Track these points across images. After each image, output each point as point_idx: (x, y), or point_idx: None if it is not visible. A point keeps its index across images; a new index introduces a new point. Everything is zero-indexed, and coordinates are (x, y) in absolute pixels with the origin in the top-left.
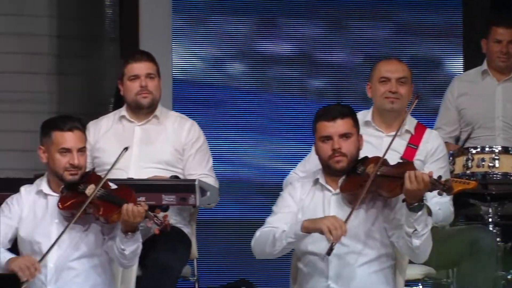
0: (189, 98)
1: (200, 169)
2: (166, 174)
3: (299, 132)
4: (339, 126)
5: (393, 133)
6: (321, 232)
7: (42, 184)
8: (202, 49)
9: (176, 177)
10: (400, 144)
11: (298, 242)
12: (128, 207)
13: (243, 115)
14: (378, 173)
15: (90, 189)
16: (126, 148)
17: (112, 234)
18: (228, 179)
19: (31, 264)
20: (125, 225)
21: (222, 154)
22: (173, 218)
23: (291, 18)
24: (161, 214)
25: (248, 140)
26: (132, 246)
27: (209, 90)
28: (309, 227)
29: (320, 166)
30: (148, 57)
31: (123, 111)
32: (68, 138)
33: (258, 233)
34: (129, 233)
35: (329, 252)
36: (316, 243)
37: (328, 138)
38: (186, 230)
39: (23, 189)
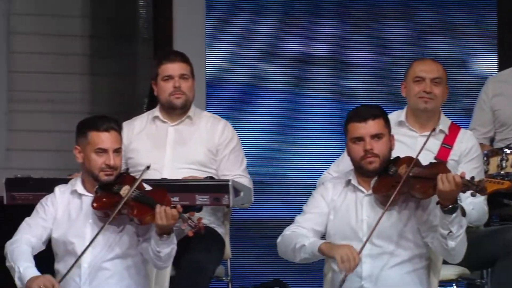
0: (222, 99)
1: (235, 170)
2: (200, 175)
3: (332, 132)
4: (370, 127)
5: (427, 133)
6: (336, 260)
7: (77, 184)
8: (236, 49)
9: (212, 178)
10: (434, 144)
11: (314, 259)
12: (161, 209)
13: (276, 115)
14: (411, 174)
15: (124, 190)
16: (148, 167)
17: (146, 236)
18: (262, 179)
19: (50, 285)
20: (159, 227)
21: (255, 154)
22: (206, 218)
23: (320, 18)
24: (195, 217)
25: (281, 140)
26: (167, 248)
27: (242, 90)
28: (325, 252)
29: (352, 167)
30: (182, 57)
31: (156, 111)
32: (105, 139)
33: (286, 232)
34: (164, 235)
35: (341, 284)
36: (349, 243)
37: (360, 139)
38: (219, 230)
39: (58, 189)
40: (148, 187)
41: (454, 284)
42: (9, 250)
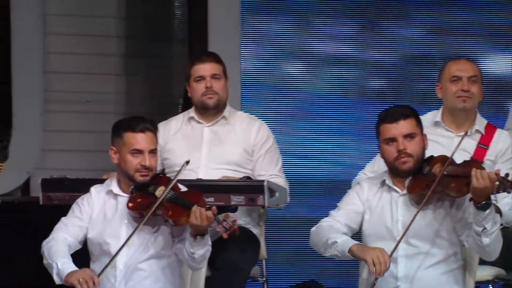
0: (257, 99)
1: (270, 170)
2: (235, 175)
3: (365, 130)
4: (402, 127)
5: (463, 133)
6: (366, 262)
7: (112, 185)
8: (270, 50)
9: (248, 177)
10: (470, 144)
11: (343, 259)
12: (196, 211)
13: (311, 114)
14: (445, 173)
15: (160, 191)
16: (187, 162)
17: (181, 237)
18: (297, 179)
19: (89, 278)
20: (194, 229)
21: (290, 154)
22: (242, 219)
23: (353, 19)
24: (230, 219)
25: (315, 140)
26: (202, 250)
27: (277, 90)
28: (356, 254)
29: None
30: (213, 57)
31: (191, 112)
32: (140, 140)
33: (316, 227)
34: (198, 237)
35: (372, 287)
36: (384, 243)
37: (392, 140)
38: (255, 230)
39: (93, 189)
40: (183, 188)
41: (490, 285)
42: (46, 248)
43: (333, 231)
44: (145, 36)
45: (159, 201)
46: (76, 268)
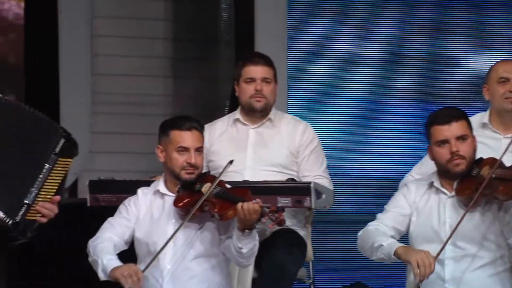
0: (303, 101)
1: (315, 170)
2: (281, 177)
3: (414, 133)
4: (454, 129)
5: (511, 135)
6: (411, 265)
7: (159, 185)
8: (317, 52)
9: (293, 179)
10: None
11: (389, 261)
12: (243, 204)
13: (357, 116)
14: (493, 175)
15: (206, 187)
16: (231, 161)
17: (228, 234)
18: (343, 181)
19: (134, 273)
20: (241, 223)
21: (336, 156)
22: (288, 221)
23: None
24: (276, 210)
25: (362, 142)
26: (249, 245)
27: (324, 92)
28: (401, 256)
29: (435, 169)
30: (266, 61)
31: (237, 114)
32: (186, 137)
33: (363, 231)
34: (246, 230)
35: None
36: (431, 245)
37: (445, 141)
38: (301, 232)
39: (140, 191)
40: (229, 187)
41: None
42: (91, 246)
43: (379, 234)
44: (192, 38)
45: (206, 195)
46: (121, 264)
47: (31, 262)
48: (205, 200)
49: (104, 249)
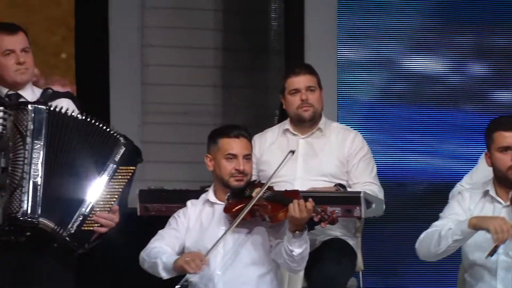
0: (353, 110)
1: (365, 177)
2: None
3: (465, 141)
4: None
5: None
6: (488, 231)
7: (209, 194)
8: (367, 61)
9: (341, 185)
10: None
11: (464, 240)
12: (295, 203)
13: (406, 125)
14: None
15: (256, 191)
16: (292, 151)
17: (279, 239)
18: (393, 190)
19: (197, 257)
20: (293, 222)
21: (386, 165)
22: (338, 230)
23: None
24: (328, 210)
25: (413, 150)
26: (300, 248)
27: (373, 101)
28: (477, 225)
29: (488, 178)
30: (307, 69)
31: (287, 124)
32: (234, 145)
33: (423, 234)
34: (297, 231)
35: (492, 253)
36: (484, 253)
37: (508, 148)
38: (351, 242)
39: (190, 202)
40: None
41: None
42: (145, 254)
43: (440, 229)
44: (242, 48)
45: (257, 198)
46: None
47: (84, 272)
48: (256, 204)
49: (160, 250)
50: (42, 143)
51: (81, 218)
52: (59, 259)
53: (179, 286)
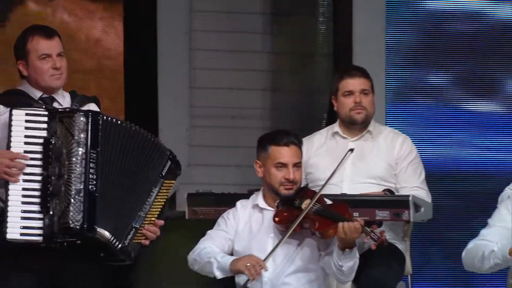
0: (402, 114)
1: (413, 181)
2: (380, 190)
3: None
4: None
5: None
6: None
7: (258, 199)
8: (415, 65)
9: (389, 190)
10: None
11: (504, 265)
12: (344, 224)
13: (456, 128)
14: None
15: (305, 204)
16: (351, 150)
17: (328, 250)
18: (442, 194)
19: (256, 263)
20: (342, 241)
21: (435, 169)
22: (386, 234)
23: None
24: (377, 230)
25: (463, 155)
26: (350, 262)
27: (422, 105)
28: None
29: None
30: (363, 73)
31: (336, 127)
32: (284, 153)
33: (469, 245)
34: (347, 249)
35: None
36: None
37: None
38: (400, 246)
39: (239, 203)
40: (329, 202)
41: None
42: (195, 255)
43: (486, 245)
44: (290, 51)
45: (304, 214)
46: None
47: (129, 273)
48: (305, 217)
49: (212, 251)
50: (97, 152)
51: (133, 231)
52: (92, 264)
53: None
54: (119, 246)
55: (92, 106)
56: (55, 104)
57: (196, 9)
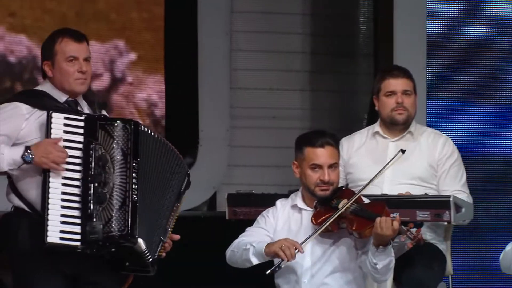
0: (443, 114)
1: (454, 185)
2: (420, 190)
3: None
4: None
5: None
6: None
7: (297, 199)
8: (457, 65)
9: (426, 195)
10: None
11: None
12: (381, 220)
13: (497, 129)
14: None
15: (342, 204)
16: (403, 151)
17: (365, 249)
18: (484, 194)
19: (291, 244)
20: (377, 238)
21: (476, 170)
22: (427, 235)
23: None
24: (414, 229)
25: (504, 155)
26: (385, 261)
27: (464, 104)
28: None
29: None
30: (405, 73)
31: (376, 127)
32: (319, 154)
33: (508, 247)
34: (381, 246)
35: None
36: None
37: None
38: (441, 246)
39: (279, 202)
40: (367, 201)
41: None
42: (233, 247)
43: None
44: (330, 52)
45: (339, 213)
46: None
47: (171, 274)
48: (342, 217)
49: (249, 241)
50: (137, 162)
51: (161, 244)
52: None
53: (270, 271)
54: (151, 258)
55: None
56: (78, 109)
57: (236, 10)
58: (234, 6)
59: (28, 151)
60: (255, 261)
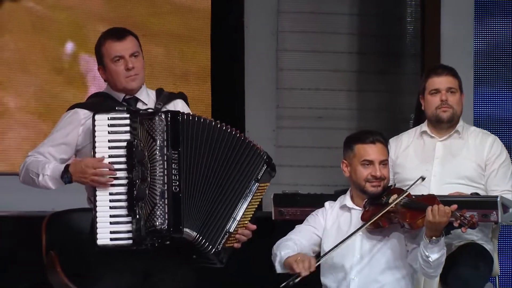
0: (491, 114)
1: (503, 185)
2: (468, 190)
3: None
4: None
5: None
6: None
7: (346, 199)
8: (504, 64)
9: (477, 194)
10: None
11: None
12: (433, 207)
13: None
14: None
15: (393, 199)
16: (423, 178)
17: (415, 244)
18: None
19: (306, 259)
20: (430, 227)
21: None
22: (474, 235)
23: None
24: (467, 214)
25: None
26: (437, 253)
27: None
28: None
29: None
30: (450, 71)
31: (424, 126)
32: (370, 151)
33: None
34: (433, 237)
35: None
36: None
37: None
38: (487, 246)
39: (327, 204)
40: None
41: None
42: (276, 246)
43: None
44: (377, 52)
45: (392, 204)
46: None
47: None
48: (394, 212)
49: (286, 245)
50: (178, 153)
51: (226, 236)
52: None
53: (284, 284)
54: (213, 251)
55: (180, 103)
56: (139, 104)
57: (283, 10)
58: (280, 6)
59: (65, 173)
60: (279, 270)
